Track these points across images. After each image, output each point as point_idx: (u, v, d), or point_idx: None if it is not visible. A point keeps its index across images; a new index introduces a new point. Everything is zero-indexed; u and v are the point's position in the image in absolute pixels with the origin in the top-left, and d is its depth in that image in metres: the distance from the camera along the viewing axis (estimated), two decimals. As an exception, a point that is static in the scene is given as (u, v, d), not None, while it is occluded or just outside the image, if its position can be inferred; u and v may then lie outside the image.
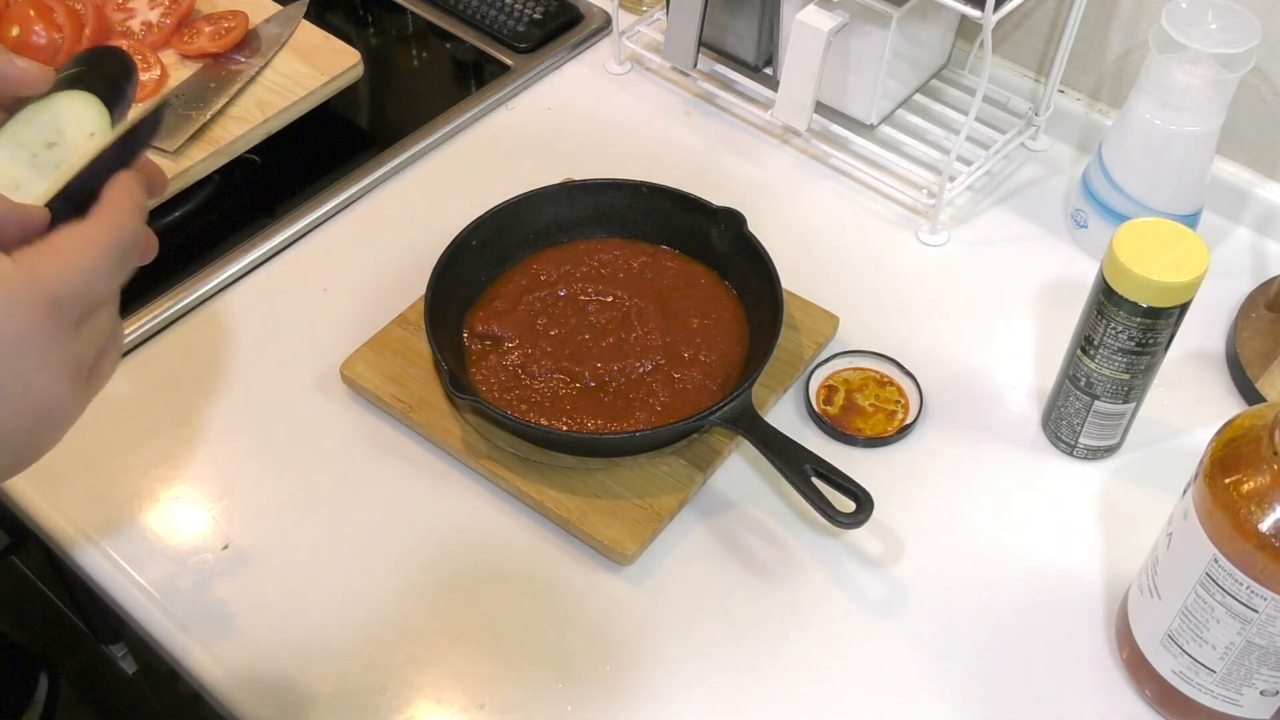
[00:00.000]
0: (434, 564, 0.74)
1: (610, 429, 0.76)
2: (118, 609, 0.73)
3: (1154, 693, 0.67)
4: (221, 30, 0.99)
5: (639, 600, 0.72)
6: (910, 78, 0.99)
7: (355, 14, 1.17)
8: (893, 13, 0.89)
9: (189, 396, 0.82)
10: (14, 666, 1.16)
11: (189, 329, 0.86)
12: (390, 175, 0.97)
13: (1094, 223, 0.90)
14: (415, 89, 1.10)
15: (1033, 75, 1.01)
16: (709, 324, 0.83)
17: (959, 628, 0.71)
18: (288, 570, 0.73)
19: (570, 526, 0.74)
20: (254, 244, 0.91)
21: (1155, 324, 0.70)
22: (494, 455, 0.77)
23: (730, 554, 0.75)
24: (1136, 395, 0.75)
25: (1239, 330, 0.85)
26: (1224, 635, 0.61)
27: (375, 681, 0.69)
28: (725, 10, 1.01)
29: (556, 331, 0.82)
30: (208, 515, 0.76)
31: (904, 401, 0.82)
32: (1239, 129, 0.92)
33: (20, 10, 0.96)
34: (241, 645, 0.70)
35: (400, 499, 0.77)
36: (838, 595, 0.73)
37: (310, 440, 0.80)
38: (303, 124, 0.97)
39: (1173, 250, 0.68)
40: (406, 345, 0.82)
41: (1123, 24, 0.94)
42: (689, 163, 0.99)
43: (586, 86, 1.06)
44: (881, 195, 0.97)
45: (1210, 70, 0.80)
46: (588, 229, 0.88)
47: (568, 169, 0.96)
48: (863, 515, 0.70)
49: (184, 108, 0.94)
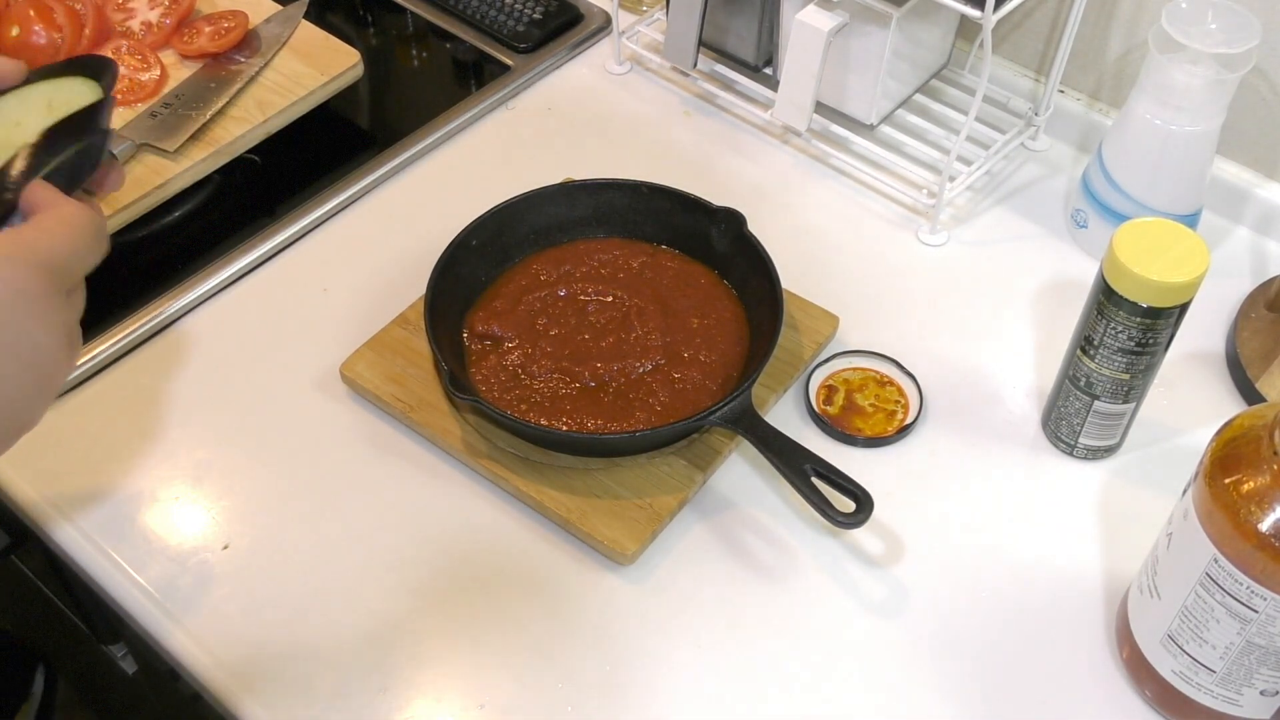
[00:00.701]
0: (434, 564, 0.74)
1: (610, 429, 0.76)
2: (118, 609, 0.73)
3: (1154, 693, 0.67)
4: (221, 30, 0.99)
5: (639, 600, 0.72)
6: (910, 78, 0.99)
7: (355, 14, 1.17)
8: (893, 13, 0.89)
9: (189, 396, 0.82)
10: (10, 662, 1.16)
11: (189, 329, 0.86)
12: (390, 175, 0.97)
13: (1094, 223, 0.90)
14: (415, 89, 1.10)
15: (1033, 75, 1.01)
16: (709, 324, 0.83)
17: (959, 628, 0.71)
18: (288, 570, 0.73)
19: (570, 526, 0.74)
20: (254, 244, 0.91)
21: (1155, 324, 0.70)
22: (494, 455, 0.77)
23: (730, 554, 0.75)
24: (1136, 395, 0.75)
25: (1239, 330, 0.85)
26: (1224, 635, 0.61)
27: (375, 681, 0.69)
28: (725, 10, 1.01)
29: (556, 331, 0.82)
30: (208, 515, 0.76)
31: (904, 401, 0.82)
32: (1239, 129, 0.92)
33: (20, 10, 0.96)
34: (241, 645, 0.70)
35: (400, 499, 0.77)
36: (838, 595, 0.73)
37: (310, 440, 0.80)
38: (303, 124, 0.97)
39: (1173, 250, 0.68)
40: (406, 345, 0.82)
41: (1123, 24, 0.94)
42: (689, 163, 0.99)
43: (586, 86, 1.06)
44: (881, 195, 0.97)
45: (1210, 70, 0.80)
46: (588, 229, 0.88)
47: (568, 169, 0.96)
48: (863, 515, 0.70)
49: (184, 108, 0.94)
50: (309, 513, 0.76)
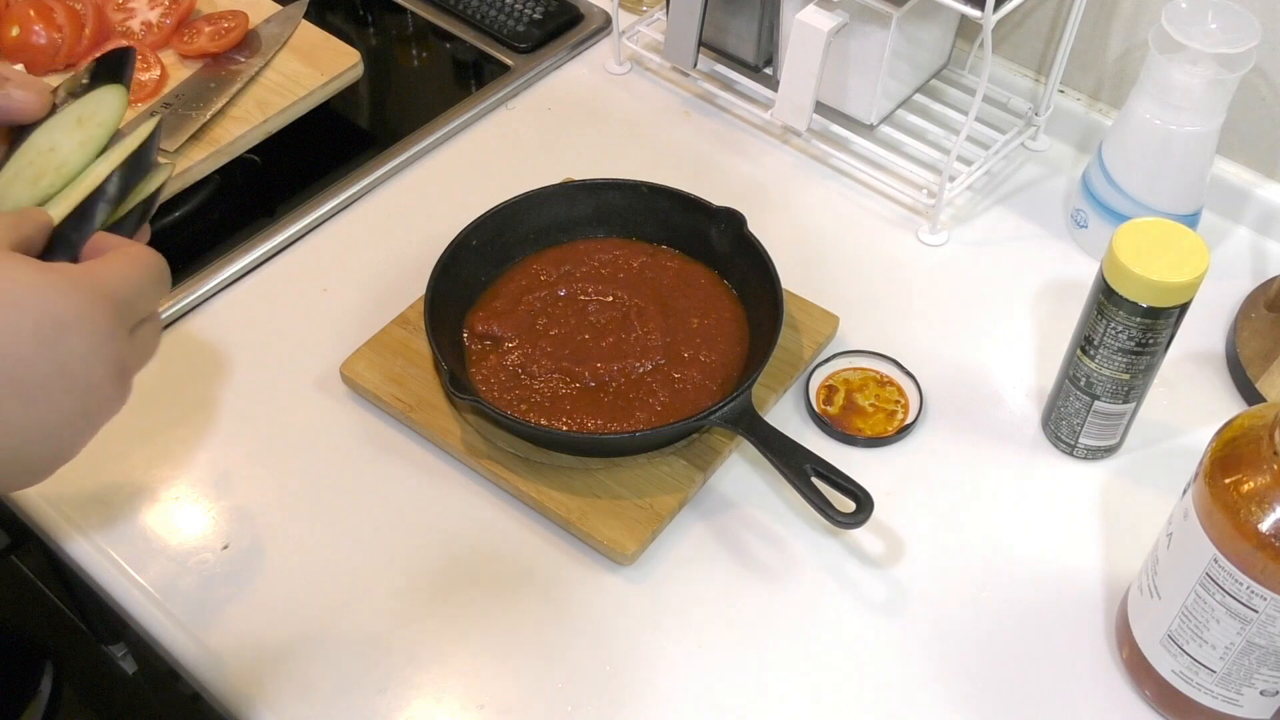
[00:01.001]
0: (434, 564, 0.74)
1: (610, 429, 0.76)
2: (118, 609, 0.73)
3: (1154, 693, 0.67)
4: (221, 30, 0.99)
5: (639, 600, 0.72)
6: (910, 78, 0.99)
7: (355, 14, 1.17)
8: (893, 13, 0.89)
9: (189, 396, 0.82)
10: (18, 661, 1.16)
11: (189, 329, 0.86)
12: (390, 175, 0.97)
13: (1094, 223, 0.90)
14: (415, 89, 1.10)
15: (1033, 75, 1.01)
16: (709, 324, 0.83)
17: (959, 628, 0.71)
18: (288, 570, 0.73)
19: (570, 526, 0.74)
20: (254, 244, 0.91)
21: (1155, 324, 0.70)
22: (494, 455, 0.77)
23: (730, 554, 0.75)
24: (1136, 395, 0.75)
25: (1239, 330, 0.85)
26: (1224, 635, 0.61)
27: (375, 681, 0.69)
28: (725, 10, 1.01)
29: (556, 331, 0.82)
30: (208, 515, 0.76)
31: (904, 401, 0.82)
32: (1239, 129, 0.92)
33: (20, 10, 0.96)
34: (241, 645, 0.70)
35: (400, 499, 0.77)
36: (838, 595, 0.73)
37: (310, 440, 0.80)
38: (303, 124, 0.97)
39: (1173, 250, 0.68)
40: (406, 345, 0.82)
41: (1123, 24, 0.94)
42: (689, 163, 0.99)
43: (586, 86, 1.06)
44: (881, 195, 0.97)
45: (1210, 70, 0.80)
46: (588, 229, 0.88)
47: (568, 169, 0.96)
48: (862, 515, 0.70)
49: (184, 108, 0.94)
50: (309, 513, 0.76)
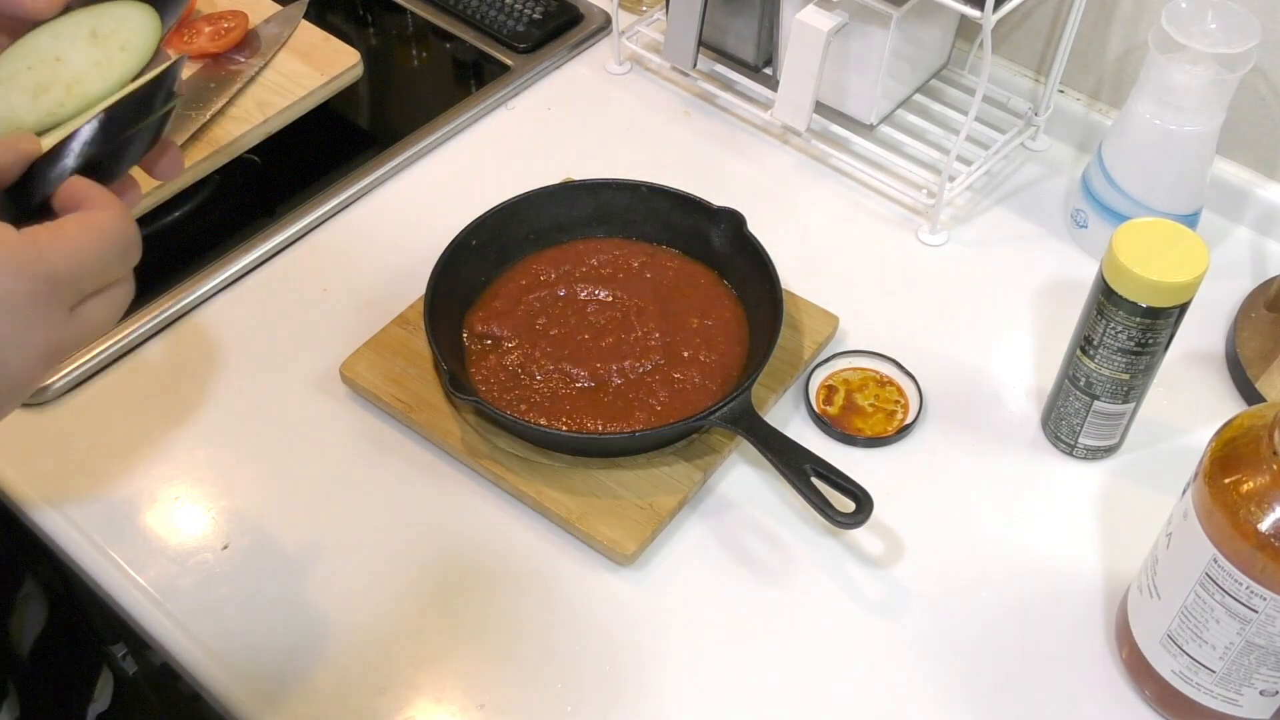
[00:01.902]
0: (434, 564, 0.74)
1: (610, 429, 0.76)
2: (118, 609, 0.73)
3: (1154, 693, 0.67)
4: (221, 30, 0.99)
5: (639, 600, 0.72)
6: (910, 78, 0.99)
7: (355, 14, 1.17)
8: (893, 13, 0.89)
9: (188, 396, 0.82)
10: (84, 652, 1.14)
11: (189, 329, 0.86)
12: (390, 175, 0.97)
13: (1094, 223, 0.90)
14: (415, 89, 1.10)
15: (1033, 75, 1.01)
16: (709, 324, 0.83)
17: (959, 628, 0.71)
18: (288, 570, 0.73)
19: (570, 526, 0.74)
20: (254, 244, 0.91)
21: (1155, 324, 0.70)
22: (494, 455, 0.77)
23: (730, 554, 0.75)
24: (1136, 395, 0.75)
25: (1239, 330, 0.85)
26: (1223, 635, 0.61)
27: (375, 681, 0.69)
28: (725, 10, 1.01)
29: (556, 331, 0.82)
30: (208, 515, 0.76)
31: (904, 401, 0.82)
32: (1239, 129, 0.92)
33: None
34: (241, 645, 0.70)
35: (400, 499, 0.77)
36: (837, 595, 0.73)
37: (310, 440, 0.80)
38: (303, 124, 0.97)
39: (1172, 250, 0.68)
40: (406, 345, 0.82)
41: (1123, 24, 0.94)
42: (689, 163, 0.99)
43: (586, 86, 1.06)
44: (881, 195, 0.97)
45: (1210, 70, 0.80)
46: (587, 229, 0.88)
47: (568, 169, 0.96)
48: (862, 515, 0.70)
49: (183, 108, 0.94)
50: (309, 513, 0.76)
